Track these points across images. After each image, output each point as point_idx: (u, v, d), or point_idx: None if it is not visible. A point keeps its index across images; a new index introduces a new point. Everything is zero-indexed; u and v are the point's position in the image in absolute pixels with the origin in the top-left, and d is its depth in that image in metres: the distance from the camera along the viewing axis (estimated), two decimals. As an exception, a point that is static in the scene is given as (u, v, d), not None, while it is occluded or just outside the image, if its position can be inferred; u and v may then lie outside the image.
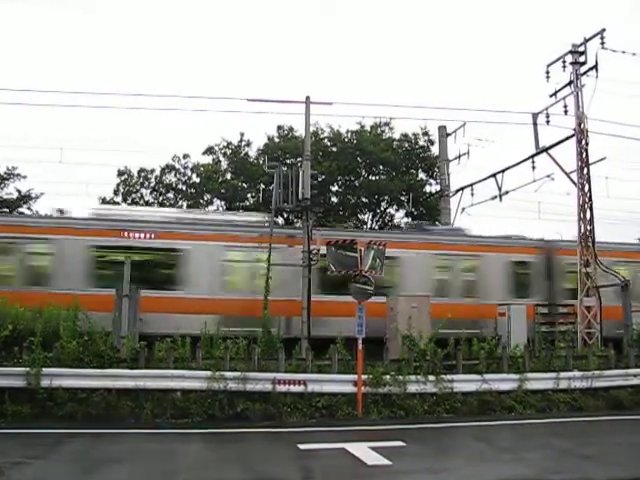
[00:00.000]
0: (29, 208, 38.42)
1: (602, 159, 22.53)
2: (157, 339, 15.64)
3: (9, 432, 11.91)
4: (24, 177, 37.44)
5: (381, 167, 38.70)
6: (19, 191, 37.58)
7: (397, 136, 39.58)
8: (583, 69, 22.74)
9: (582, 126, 22.62)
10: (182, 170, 38.55)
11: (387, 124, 39.53)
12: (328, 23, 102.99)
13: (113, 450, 10.82)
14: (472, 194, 22.95)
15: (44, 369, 13.32)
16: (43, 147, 48.67)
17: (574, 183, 22.67)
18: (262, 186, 35.12)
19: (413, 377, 14.81)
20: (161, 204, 38.03)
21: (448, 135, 23.08)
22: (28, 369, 13.26)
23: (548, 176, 21.82)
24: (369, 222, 40.14)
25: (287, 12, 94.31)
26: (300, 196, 23.79)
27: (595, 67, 22.29)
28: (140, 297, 16.92)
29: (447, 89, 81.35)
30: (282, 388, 14.03)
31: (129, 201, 37.63)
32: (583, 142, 22.61)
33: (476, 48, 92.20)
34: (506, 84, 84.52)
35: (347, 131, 39.49)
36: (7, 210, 37.39)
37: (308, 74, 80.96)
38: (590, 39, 22.63)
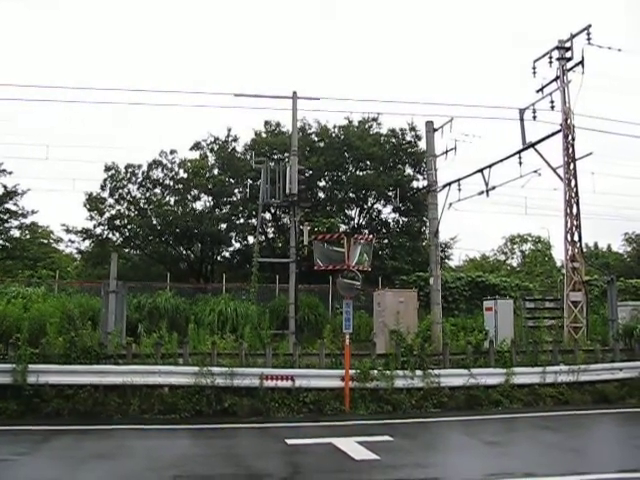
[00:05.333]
0: (15, 204, 38.25)
1: (588, 154, 22.63)
2: None
3: (-5, 429, 11.86)
4: (10, 173, 37.25)
5: (368, 162, 38.65)
6: (5, 187, 37.37)
7: (384, 131, 39.54)
8: (569, 65, 22.88)
9: (568, 121, 22.73)
10: (169, 166, 38.32)
11: (374, 119, 39.47)
12: (316, 20, 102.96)
13: (100, 446, 10.78)
14: (459, 189, 22.92)
15: (30, 366, 13.29)
16: (29, 144, 48.56)
17: (560, 178, 22.78)
18: (249, 181, 35.09)
19: (400, 372, 14.83)
20: (148, 200, 37.89)
21: (435, 130, 23.01)
22: (14, 366, 13.22)
23: (535, 171, 21.84)
24: (356, 218, 40.16)
25: (274, 9, 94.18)
26: (287, 191, 23.83)
27: (581, 63, 22.41)
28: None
29: (435, 85, 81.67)
30: (270, 383, 14.02)
31: (116, 196, 37.45)
32: (569, 137, 22.74)
33: (463, 44, 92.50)
34: (493, 80, 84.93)
35: (334, 126, 39.45)
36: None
37: (296, 70, 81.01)
38: (576, 35, 22.77)
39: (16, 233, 40.47)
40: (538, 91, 23.65)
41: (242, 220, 38.95)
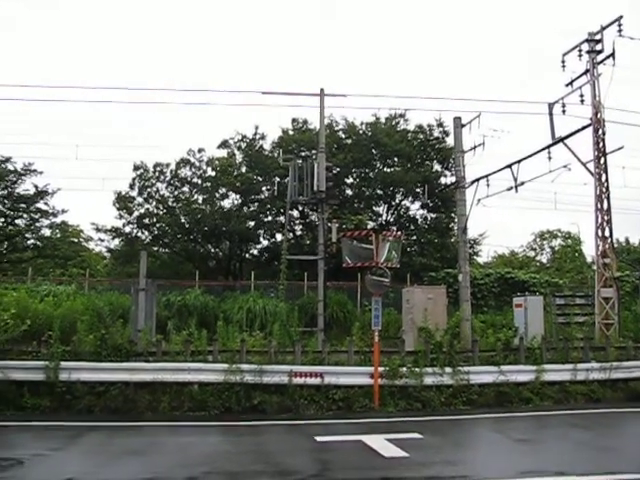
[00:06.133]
0: (46, 204, 38.70)
1: (619, 148, 22.29)
2: None
3: (29, 425, 12.05)
4: (40, 173, 37.65)
5: (396, 159, 38.49)
6: (36, 187, 37.82)
7: (412, 127, 39.35)
8: (599, 58, 22.54)
9: (599, 115, 22.42)
10: (197, 164, 38.52)
11: (402, 115, 39.32)
12: (343, 16, 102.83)
13: (132, 443, 10.91)
14: (488, 185, 22.69)
15: (62, 363, 13.51)
16: (59, 144, 49.16)
17: (591, 173, 22.48)
18: (277, 179, 35.10)
19: (430, 369, 14.79)
20: (176, 198, 38.17)
21: (463, 126, 22.81)
22: (47, 363, 13.45)
23: (564, 166, 21.55)
24: (384, 214, 40.03)
25: (302, 9, 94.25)
26: (315, 188, 23.84)
27: (612, 55, 22.07)
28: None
29: (462, 80, 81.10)
30: (299, 380, 14.06)
31: (145, 195, 37.76)
32: (600, 131, 22.42)
33: (492, 38, 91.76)
34: (522, 74, 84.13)
35: (362, 123, 39.35)
36: (24, 206, 37.65)
37: (323, 68, 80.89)
38: (607, 27, 22.41)
39: (47, 232, 40.86)
40: (567, 85, 23.36)
41: (270, 218, 38.98)
